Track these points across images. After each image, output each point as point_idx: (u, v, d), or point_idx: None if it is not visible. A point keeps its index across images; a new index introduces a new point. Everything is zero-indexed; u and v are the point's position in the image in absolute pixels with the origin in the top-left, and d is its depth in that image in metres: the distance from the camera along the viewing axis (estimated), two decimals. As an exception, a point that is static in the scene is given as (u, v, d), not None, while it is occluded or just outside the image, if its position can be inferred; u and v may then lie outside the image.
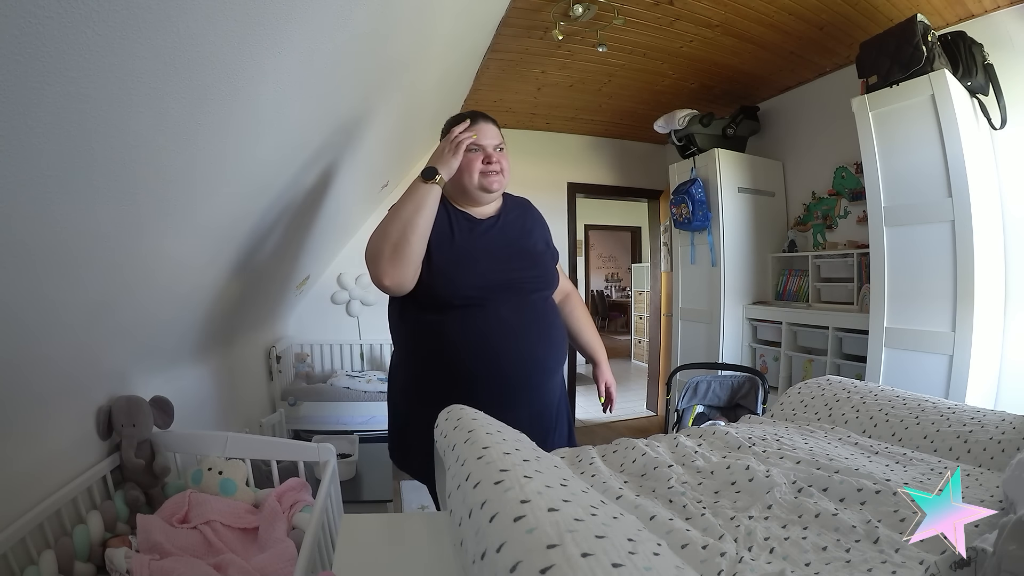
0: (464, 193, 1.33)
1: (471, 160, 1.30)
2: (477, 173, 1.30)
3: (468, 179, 1.30)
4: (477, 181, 1.30)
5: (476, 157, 1.30)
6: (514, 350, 1.23)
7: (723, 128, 3.10)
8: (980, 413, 0.96)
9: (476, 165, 1.30)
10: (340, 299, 3.57)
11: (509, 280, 1.27)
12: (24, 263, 0.76)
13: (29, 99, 0.56)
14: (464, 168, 1.29)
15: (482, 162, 1.30)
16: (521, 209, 1.46)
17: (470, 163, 1.29)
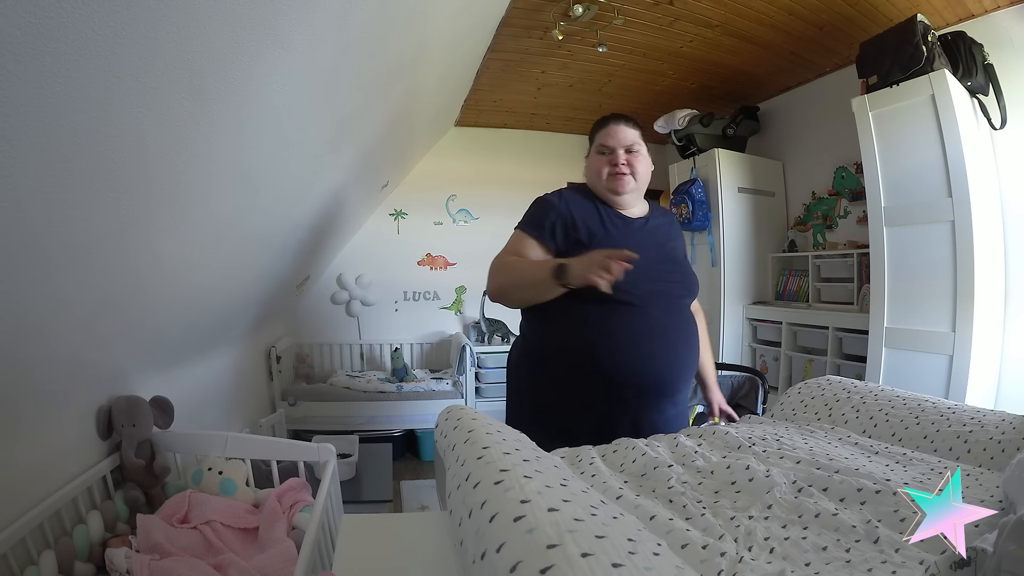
0: (597, 192, 1.33)
1: (599, 163, 1.30)
2: (605, 175, 1.29)
3: (599, 182, 1.31)
4: (605, 183, 1.30)
5: (603, 160, 1.30)
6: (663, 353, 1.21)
7: (723, 128, 3.10)
8: (980, 413, 0.96)
9: (603, 168, 1.29)
10: (340, 299, 3.57)
11: (662, 283, 1.25)
12: (24, 263, 0.76)
13: (29, 99, 0.56)
14: (592, 170, 1.32)
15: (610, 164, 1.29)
16: (666, 217, 1.44)
17: (597, 166, 1.30)
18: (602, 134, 1.32)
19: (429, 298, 3.76)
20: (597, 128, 1.35)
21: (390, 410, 3.03)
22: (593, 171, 1.32)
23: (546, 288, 1.16)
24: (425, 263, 3.74)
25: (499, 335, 3.62)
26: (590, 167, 1.34)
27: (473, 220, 3.79)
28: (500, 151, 3.78)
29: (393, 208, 3.65)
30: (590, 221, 1.26)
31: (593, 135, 1.36)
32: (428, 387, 3.12)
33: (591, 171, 1.34)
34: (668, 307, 1.25)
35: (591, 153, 1.36)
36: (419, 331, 3.73)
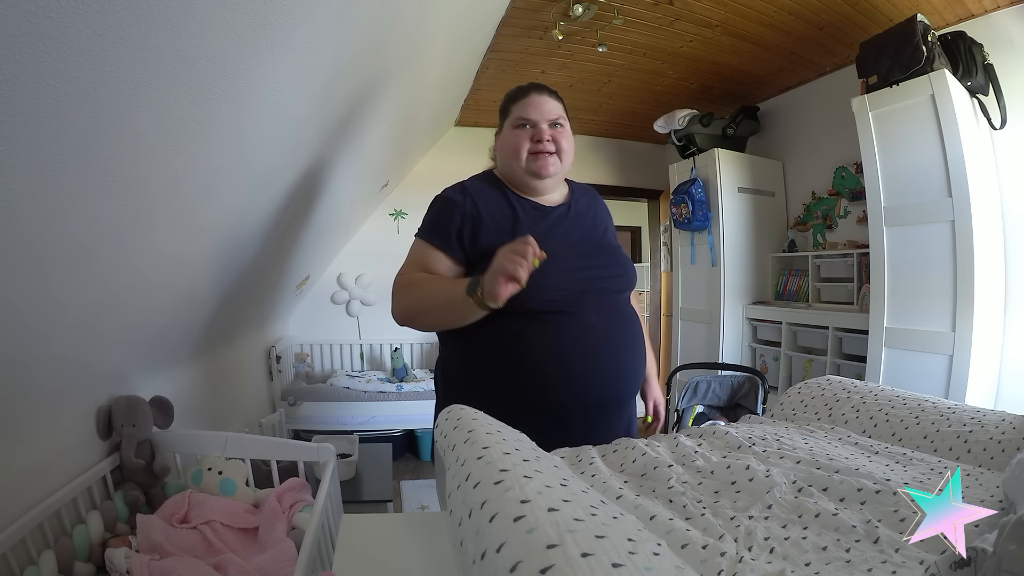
0: (514, 177, 1.13)
1: (517, 139, 1.08)
2: (525, 154, 1.08)
3: (515, 162, 1.09)
4: (525, 164, 1.09)
5: (524, 134, 1.08)
6: (608, 364, 1.04)
7: (723, 128, 3.10)
8: (980, 413, 0.96)
9: (523, 145, 1.08)
10: (340, 299, 3.57)
11: (593, 280, 1.06)
12: (24, 263, 0.76)
13: (29, 99, 0.56)
14: (509, 149, 1.10)
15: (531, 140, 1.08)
16: (589, 197, 1.24)
17: (515, 142, 1.09)
18: (520, 105, 1.11)
19: (429, 298, 3.76)
20: (513, 100, 1.13)
21: (390, 410, 3.03)
22: (509, 149, 1.10)
23: (462, 311, 0.96)
24: (425, 263, 3.74)
25: (499, 335, 3.61)
26: (505, 145, 1.12)
27: (473, 220, 3.79)
28: (500, 151, 3.78)
29: (393, 208, 3.65)
30: (501, 218, 1.07)
31: (507, 108, 1.14)
32: (428, 387, 3.12)
33: (506, 149, 1.11)
34: (605, 308, 1.07)
35: (503, 128, 1.14)
36: (419, 331, 3.73)
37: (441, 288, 1.03)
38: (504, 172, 1.16)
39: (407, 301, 1.06)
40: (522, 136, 1.09)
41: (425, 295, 1.04)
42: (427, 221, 1.12)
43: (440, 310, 1.02)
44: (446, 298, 0.99)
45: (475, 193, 1.11)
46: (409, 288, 1.06)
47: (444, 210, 1.09)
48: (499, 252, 0.89)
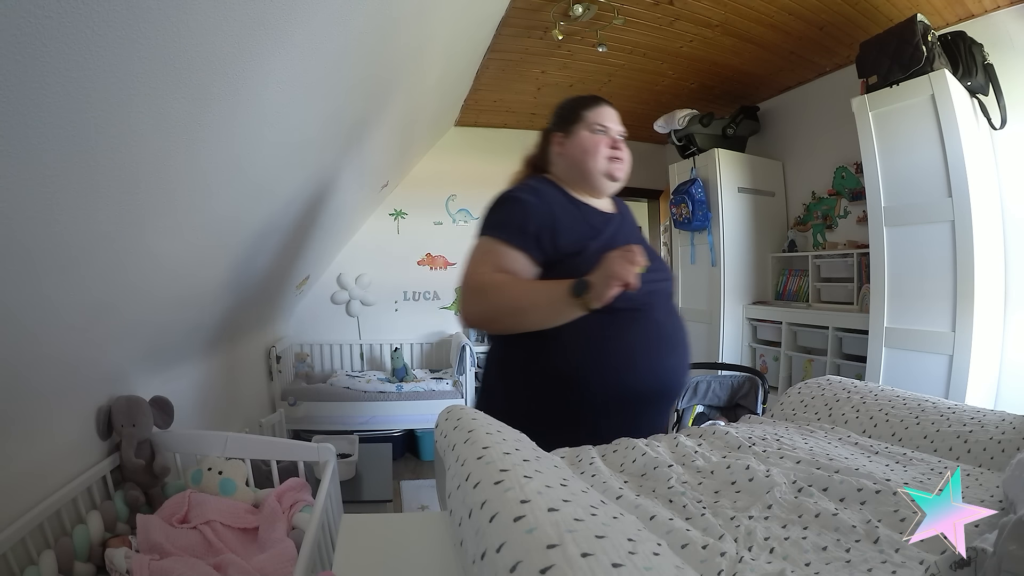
0: (584, 180, 1.16)
1: (597, 142, 1.14)
2: (602, 157, 1.14)
3: (592, 163, 1.13)
4: (603, 166, 1.14)
5: (602, 140, 1.14)
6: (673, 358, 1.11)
7: (723, 128, 3.10)
8: (980, 413, 0.96)
9: (602, 149, 1.14)
10: (340, 299, 3.57)
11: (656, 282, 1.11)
12: (25, 263, 0.76)
13: (29, 99, 0.56)
14: (589, 150, 1.14)
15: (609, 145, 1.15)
16: (625, 207, 1.28)
17: (596, 145, 1.14)
18: (595, 112, 1.16)
19: (429, 298, 3.76)
20: (585, 106, 1.18)
21: (390, 410, 3.03)
22: (586, 150, 1.14)
23: (561, 311, 0.98)
24: (425, 263, 3.74)
25: (499, 335, 3.62)
26: (582, 146, 1.15)
27: (473, 220, 3.79)
28: (500, 151, 3.77)
29: (393, 208, 3.65)
30: (573, 221, 1.09)
31: (578, 113, 1.17)
32: (428, 387, 3.12)
33: (579, 149, 1.15)
34: (667, 307, 1.14)
35: (576, 132, 1.16)
36: (419, 331, 3.73)
37: (535, 290, 1.03)
38: (568, 174, 1.18)
39: (493, 302, 1.03)
40: (601, 140, 1.14)
41: (517, 296, 1.02)
42: (498, 220, 1.09)
43: (535, 311, 1.02)
44: (545, 299, 1.00)
45: (546, 195, 1.11)
46: (496, 289, 1.03)
47: (519, 210, 1.08)
48: (609, 258, 0.93)
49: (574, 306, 0.96)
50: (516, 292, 1.03)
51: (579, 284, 0.95)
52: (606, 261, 0.94)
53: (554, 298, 0.98)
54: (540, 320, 1.02)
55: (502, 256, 1.05)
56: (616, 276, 0.90)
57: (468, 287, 1.06)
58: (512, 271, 1.05)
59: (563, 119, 1.20)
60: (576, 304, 0.96)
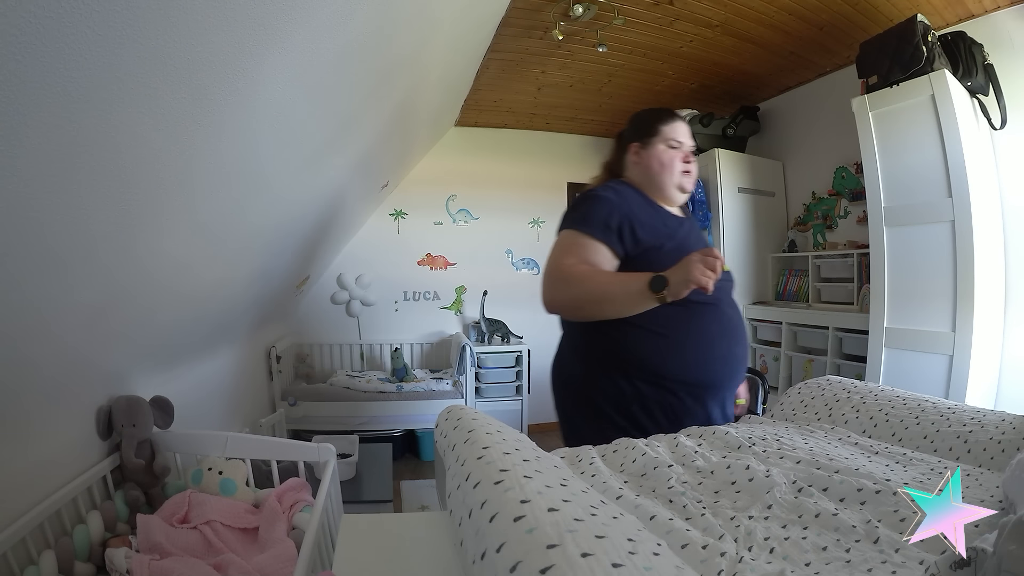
0: (659, 190, 1.26)
1: (672, 157, 1.24)
2: (677, 172, 1.24)
3: (668, 177, 1.24)
4: (677, 179, 1.24)
5: (677, 154, 1.25)
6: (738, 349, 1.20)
7: (723, 128, 3.10)
8: (980, 413, 0.96)
9: (677, 163, 1.24)
10: (340, 299, 3.57)
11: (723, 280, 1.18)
12: (24, 263, 0.76)
13: (29, 99, 0.56)
14: (665, 164, 1.24)
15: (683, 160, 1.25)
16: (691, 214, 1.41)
17: (672, 160, 1.24)
18: (671, 127, 1.26)
19: (429, 298, 3.76)
20: (661, 120, 1.27)
21: (390, 410, 3.03)
22: (662, 163, 1.24)
23: (637, 303, 1.08)
24: (425, 263, 3.74)
25: (499, 335, 3.62)
26: (656, 159, 1.25)
27: (473, 220, 3.79)
28: (500, 151, 3.78)
29: (393, 208, 3.65)
30: (651, 220, 1.19)
31: (654, 127, 1.27)
32: (428, 387, 3.12)
33: (657, 162, 1.25)
34: (732, 302, 1.24)
35: (652, 144, 1.26)
36: (419, 331, 3.73)
37: (616, 281, 1.12)
38: (643, 182, 1.27)
39: (577, 291, 1.12)
40: (676, 155, 1.24)
41: (600, 286, 1.11)
42: (582, 216, 1.18)
43: (614, 301, 1.11)
44: (625, 291, 1.09)
45: (626, 195, 1.21)
46: (581, 279, 1.12)
47: (602, 206, 1.17)
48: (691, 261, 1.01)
49: (650, 299, 1.06)
50: (599, 282, 1.12)
51: (658, 280, 1.04)
52: (687, 263, 1.01)
53: (633, 291, 1.07)
54: (618, 309, 1.12)
55: (586, 248, 1.14)
56: (695, 280, 0.99)
57: (553, 276, 1.15)
58: (595, 263, 1.14)
59: (641, 131, 1.29)
60: (653, 298, 1.05)
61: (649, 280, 1.05)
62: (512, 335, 3.65)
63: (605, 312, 1.13)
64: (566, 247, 1.16)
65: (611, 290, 1.11)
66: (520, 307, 3.85)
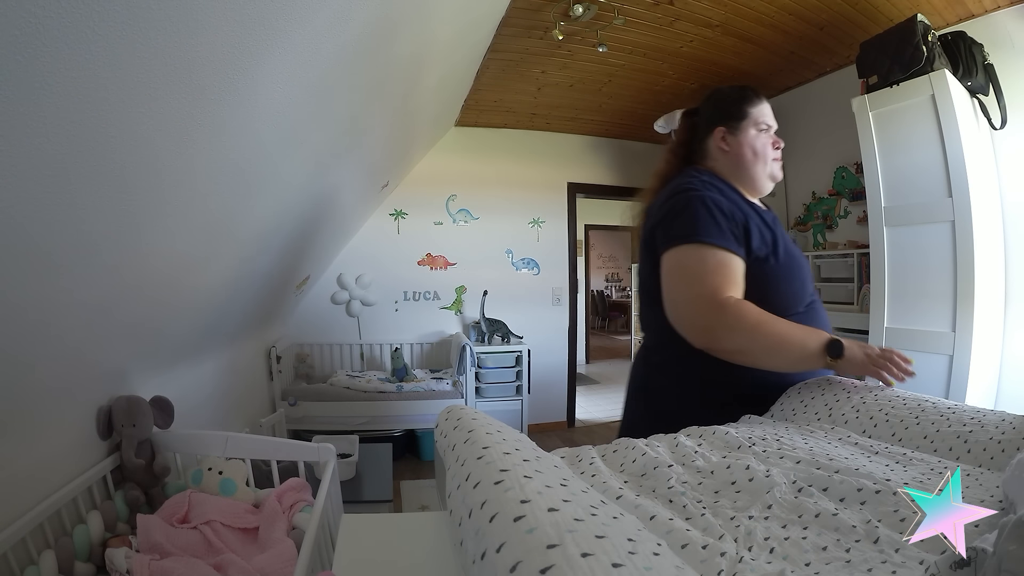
0: (751, 180, 1.13)
1: (766, 143, 1.11)
2: (771, 160, 1.12)
3: (763, 167, 1.11)
4: (771, 169, 1.13)
5: (768, 139, 1.12)
6: None
7: (723, 128, 3.10)
8: (980, 413, 0.96)
9: (770, 151, 1.12)
10: (340, 299, 3.57)
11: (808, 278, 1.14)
12: (24, 263, 0.76)
13: (28, 99, 0.56)
14: (759, 152, 1.11)
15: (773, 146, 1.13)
16: None
17: (765, 147, 1.11)
18: (759, 109, 1.12)
19: (429, 298, 3.76)
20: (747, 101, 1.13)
21: (390, 410, 3.03)
22: (755, 152, 1.10)
23: (808, 363, 0.98)
24: (425, 263, 3.74)
25: (499, 335, 3.62)
26: (749, 146, 1.11)
27: (473, 220, 3.79)
28: (500, 151, 3.78)
29: (393, 208, 3.65)
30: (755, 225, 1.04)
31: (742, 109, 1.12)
32: (428, 387, 3.12)
33: (749, 150, 1.10)
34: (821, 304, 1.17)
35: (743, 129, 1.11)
36: (419, 331, 3.73)
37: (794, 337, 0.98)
38: (731, 172, 1.13)
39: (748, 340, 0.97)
40: (767, 140, 1.11)
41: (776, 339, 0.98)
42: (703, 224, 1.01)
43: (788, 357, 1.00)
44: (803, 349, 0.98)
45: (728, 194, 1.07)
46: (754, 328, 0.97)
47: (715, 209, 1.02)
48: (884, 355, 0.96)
49: (822, 362, 0.97)
50: (774, 333, 0.97)
51: (835, 346, 0.96)
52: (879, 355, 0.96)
53: (807, 352, 0.97)
54: (784, 365, 1.02)
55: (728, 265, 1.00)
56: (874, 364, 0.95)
57: (711, 307, 0.97)
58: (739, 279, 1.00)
59: (728, 114, 1.14)
60: (826, 362, 0.97)
61: (827, 345, 0.96)
62: (512, 335, 3.65)
63: (767, 364, 1.01)
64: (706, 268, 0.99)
65: (785, 346, 0.97)
66: (520, 307, 3.85)
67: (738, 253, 1.00)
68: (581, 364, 6.03)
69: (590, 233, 7.48)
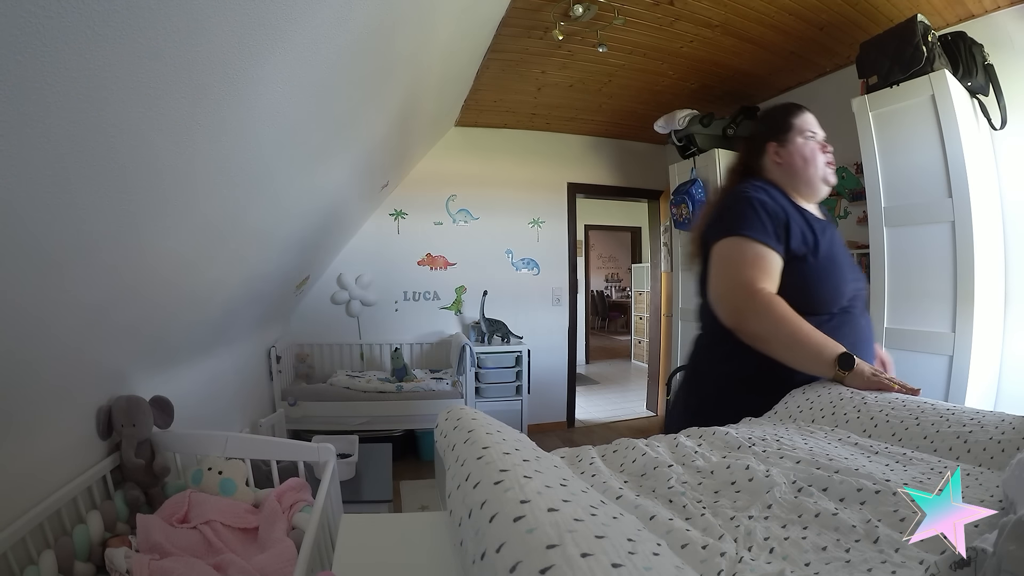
0: (806, 186, 1.23)
1: (814, 149, 1.21)
2: (822, 163, 1.21)
3: (814, 170, 1.21)
4: (822, 172, 1.21)
5: (817, 145, 1.22)
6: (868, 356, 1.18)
7: (723, 128, 3.10)
8: (979, 414, 0.96)
9: (820, 156, 1.21)
10: (340, 299, 3.57)
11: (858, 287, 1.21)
12: (24, 263, 0.76)
13: (28, 98, 0.56)
14: (808, 158, 1.21)
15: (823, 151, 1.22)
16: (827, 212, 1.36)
17: (814, 152, 1.21)
18: (802, 119, 1.23)
19: (429, 298, 3.76)
20: (791, 114, 1.25)
21: (390, 410, 3.03)
22: (805, 157, 1.21)
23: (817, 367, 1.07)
24: (425, 263, 3.75)
25: (499, 335, 3.62)
26: (798, 154, 1.21)
27: (473, 220, 3.79)
28: (500, 151, 3.78)
29: (393, 208, 3.65)
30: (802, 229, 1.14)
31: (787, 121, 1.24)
32: (428, 387, 3.12)
33: (799, 158, 1.21)
34: (864, 311, 1.23)
35: (790, 139, 1.22)
36: (419, 331, 3.73)
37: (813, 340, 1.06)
38: (787, 181, 1.23)
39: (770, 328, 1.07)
40: (815, 146, 1.21)
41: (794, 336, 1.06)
42: (747, 220, 1.12)
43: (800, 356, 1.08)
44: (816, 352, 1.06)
45: (775, 196, 1.17)
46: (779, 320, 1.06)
47: (759, 207, 1.13)
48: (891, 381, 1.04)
49: (831, 371, 1.05)
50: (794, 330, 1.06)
51: (846, 359, 1.03)
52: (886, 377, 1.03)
53: (821, 357, 1.05)
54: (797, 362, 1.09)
55: (765, 259, 1.10)
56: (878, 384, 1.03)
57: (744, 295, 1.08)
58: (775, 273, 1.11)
59: (775, 128, 1.25)
60: (835, 372, 1.04)
61: (839, 357, 1.03)
62: (512, 335, 3.65)
63: (784, 357, 1.09)
64: (745, 258, 1.10)
65: (803, 345, 1.06)
66: (520, 307, 3.85)
67: (776, 249, 1.10)
68: (581, 364, 6.03)
69: (590, 233, 7.48)
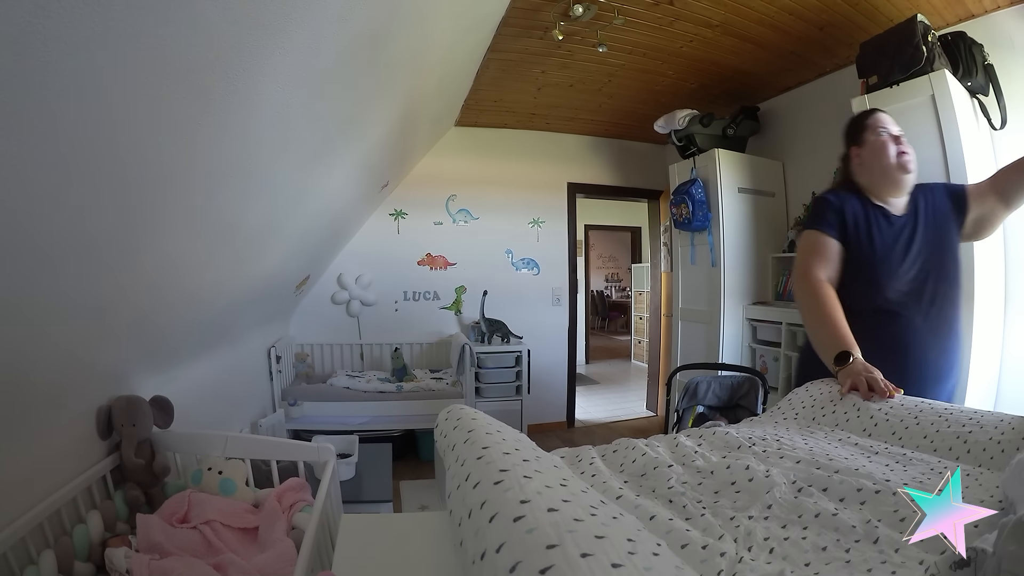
0: (883, 178, 1.35)
1: (884, 142, 1.33)
2: (892, 154, 1.32)
3: (886, 160, 1.32)
4: (895, 160, 1.32)
5: (889, 140, 1.33)
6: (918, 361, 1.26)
7: (723, 128, 3.10)
8: (978, 415, 0.96)
9: (890, 146, 1.32)
10: (340, 299, 3.57)
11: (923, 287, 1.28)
12: (24, 263, 0.76)
13: (28, 98, 0.56)
14: (879, 151, 1.33)
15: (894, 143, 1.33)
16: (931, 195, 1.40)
17: (884, 144, 1.33)
18: (872, 119, 1.38)
19: (429, 298, 3.76)
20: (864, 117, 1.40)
21: (390, 410, 3.03)
22: (876, 152, 1.34)
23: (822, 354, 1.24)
24: (425, 263, 3.75)
25: (499, 335, 3.62)
26: (871, 149, 1.35)
27: (473, 220, 3.79)
28: (500, 151, 3.78)
29: (393, 208, 3.65)
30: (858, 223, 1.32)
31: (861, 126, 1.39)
32: (428, 387, 3.12)
33: (872, 153, 1.35)
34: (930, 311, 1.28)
35: (866, 141, 1.37)
36: (419, 331, 3.73)
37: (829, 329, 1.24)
38: (870, 180, 1.38)
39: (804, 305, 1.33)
40: (888, 140, 1.34)
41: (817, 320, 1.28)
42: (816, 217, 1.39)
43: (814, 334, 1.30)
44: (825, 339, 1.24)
45: (844, 198, 1.37)
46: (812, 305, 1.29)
47: (828, 208, 1.37)
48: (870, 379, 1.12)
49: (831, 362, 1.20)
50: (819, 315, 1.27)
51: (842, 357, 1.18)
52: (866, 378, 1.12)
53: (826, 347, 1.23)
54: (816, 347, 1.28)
55: (823, 245, 1.34)
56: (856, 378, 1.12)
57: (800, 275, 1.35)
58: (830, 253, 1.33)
59: (853, 133, 1.42)
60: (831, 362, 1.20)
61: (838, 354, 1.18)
62: (512, 335, 3.65)
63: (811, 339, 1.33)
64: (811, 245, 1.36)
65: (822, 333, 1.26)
66: (520, 307, 3.85)
67: (832, 235, 1.33)
68: (581, 364, 6.03)
69: (590, 233, 7.48)
